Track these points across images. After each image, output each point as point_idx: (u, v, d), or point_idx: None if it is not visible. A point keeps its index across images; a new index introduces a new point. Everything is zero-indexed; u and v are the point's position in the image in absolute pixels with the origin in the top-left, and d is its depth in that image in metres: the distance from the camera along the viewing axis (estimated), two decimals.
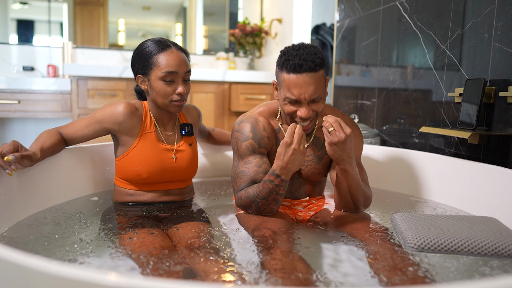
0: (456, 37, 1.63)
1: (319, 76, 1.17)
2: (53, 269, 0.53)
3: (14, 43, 3.06)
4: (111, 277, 0.51)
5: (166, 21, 3.58)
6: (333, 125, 1.15)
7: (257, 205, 1.21)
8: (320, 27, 3.14)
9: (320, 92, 1.19)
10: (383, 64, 2.07)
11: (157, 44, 1.29)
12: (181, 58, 1.29)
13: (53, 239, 1.04)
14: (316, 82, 1.17)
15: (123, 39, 3.38)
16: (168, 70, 1.26)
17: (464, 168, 1.43)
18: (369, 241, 1.09)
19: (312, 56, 1.16)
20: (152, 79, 1.28)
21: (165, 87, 1.27)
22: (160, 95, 1.28)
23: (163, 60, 1.26)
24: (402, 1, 1.91)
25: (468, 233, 1.06)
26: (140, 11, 3.45)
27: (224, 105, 2.96)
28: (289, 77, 1.16)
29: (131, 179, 1.33)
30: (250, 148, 1.30)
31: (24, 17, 3.16)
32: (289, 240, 1.07)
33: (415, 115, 1.87)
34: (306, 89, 1.16)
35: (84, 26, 3.25)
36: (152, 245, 1.01)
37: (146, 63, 1.28)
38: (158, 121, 1.38)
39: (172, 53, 1.28)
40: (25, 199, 1.21)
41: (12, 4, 3.11)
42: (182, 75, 1.29)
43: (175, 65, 1.27)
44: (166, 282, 0.49)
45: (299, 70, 1.15)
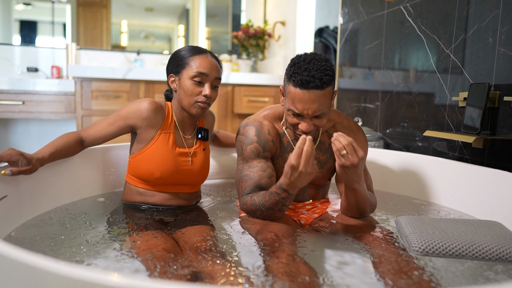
0: (460, 42, 1.63)
1: (325, 93, 1.16)
2: (65, 270, 0.53)
3: (17, 44, 3.07)
4: (125, 279, 0.51)
5: (169, 23, 3.59)
6: (346, 148, 1.10)
7: (262, 213, 1.21)
8: (323, 29, 3.15)
9: (325, 108, 1.18)
10: (386, 67, 2.08)
11: (194, 49, 1.35)
12: (213, 64, 1.33)
13: (59, 240, 1.05)
14: (321, 100, 1.15)
15: (125, 40, 3.39)
16: (200, 71, 1.30)
17: (468, 172, 1.44)
18: (373, 244, 1.09)
19: (321, 73, 1.13)
20: (183, 77, 1.32)
21: (193, 87, 1.31)
22: (188, 93, 1.32)
23: (197, 61, 1.31)
24: (407, 5, 1.91)
25: (472, 237, 1.06)
26: (143, 12, 3.46)
27: (227, 107, 2.96)
28: (295, 91, 1.15)
29: (144, 177, 1.34)
30: (255, 152, 1.30)
31: (27, 18, 3.17)
32: (293, 243, 1.08)
33: (418, 118, 1.88)
34: (310, 106, 1.15)
35: (87, 27, 3.26)
36: (156, 248, 1.02)
37: (180, 63, 1.33)
38: (179, 123, 1.40)
39: (207, 57, 1.33)
40: (31, 200, 1.21)
41: (16, 5, 3.12)
42: (212, 80, 1.33)
43: (207, 67, 1.31)
44: (182, 285, 0.50)
45: (306, 86, 1.13)
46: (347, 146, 1.11)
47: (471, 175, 1.43)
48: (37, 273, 0.57)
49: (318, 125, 1.21)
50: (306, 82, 1.13)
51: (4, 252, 0.59)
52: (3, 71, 2.99)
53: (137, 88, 2.72)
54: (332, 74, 1.17)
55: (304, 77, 1.13)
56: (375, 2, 2.15)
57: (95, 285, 0.53)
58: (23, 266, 0.57)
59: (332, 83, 1.18)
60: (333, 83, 1.19)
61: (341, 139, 1.12)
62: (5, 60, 3.00)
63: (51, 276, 0.55)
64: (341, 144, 1.11)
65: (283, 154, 1.35)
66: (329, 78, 1.15)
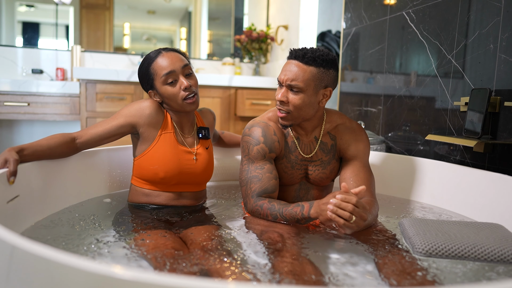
0: (461, 47, 1.66)
1: (305, 70, 1.24)
2: (90, 266, 0.56)
3: (21, 46, 3.10)
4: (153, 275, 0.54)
5: (171, 25, 3.62)
6: (354, 213, 1.03)
7: (274, 219, 1.25)
8: (325, 34, 3.18)
9: (300, 83, 1.24)
10: (389, 72, 2.11)
11: (148, 57, 1.35)
12: (173, 57, 1.33)
13: (70, 240, 1.07)
14: (299, 73, 1.24)
15: (128, 43, 3.42)
16: (165, 72, 1.30)
17: (469, 176, 1.46)
18: (377, 246, 1.11)
19: (311, 52, 1.24)
20: (158, 87, 1.33)
21: (171, 89, 1.31)
22: (171, 98, 1.32)
23: (157, 66, 1.31)
24: (409, 11, 1.95)
25: (475, 239, 1.09)
26: (145, 15, 3.49)
27: (230, 109, 2.99)
28: (285, 63, 1.30)
29: (148, 178, 1.36)
30: (262, 153, 1.33)
31: (30, 20, 3.20)
32: (297, 244, 1.10)
33: (420, 122, 1.91)
34: (287, 73, 1.26)
35: (90, 29, 3.29)
36: (165, 246, 1.04)
37: (147, 77, 1.34)
38: (177, 124, 1.41)
39: (163, 56, 1.33)
40: (41, 201, 1.24)
41: (19, 6, 3.15)
42: (180, 71, 1.33)
43: (169, 64, 1.31)
44: (206, 282, 0.52)
45: (290, 56, 1.27)
46: (353, 211, 1.03)
47: (472, 178, 1.45)
48: (60, 269, 0.59)
49: (292, 101, 1.27)
50: (293, 52, 1.26)
51: (30, 249, 0.62)
52: (7, 72, 3.02)
53: (141, 90, 2.75)
54: (322, 62, 1.24)
55: (294, 50, 1.27)
56: (378, 8, 2.18)
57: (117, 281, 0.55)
58: (49, 262, 0.60)
59: (320, 68, 1.24)
60: (321, 70, 1.25)
61: (344, 206, 1.03)
62: (10, 62, 3.02)
63: (75, 272, 0.58)
64: (346, 213, 1.03)
65: (288, 154, 1.37)
66: (316, 60, 1.23)
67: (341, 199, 1.03)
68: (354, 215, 1.03)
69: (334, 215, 1.03)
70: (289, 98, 1.26)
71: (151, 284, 0.53)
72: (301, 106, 1.27)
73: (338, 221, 1.03)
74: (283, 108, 1.29)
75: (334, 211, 1.03)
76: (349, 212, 1.02)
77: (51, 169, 1.29)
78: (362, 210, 1.05)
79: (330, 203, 1.04)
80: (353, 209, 1.03)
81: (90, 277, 0.55)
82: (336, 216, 1.03)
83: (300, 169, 1.40)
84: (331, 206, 1.04)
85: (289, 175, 1.39)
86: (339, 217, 1.03)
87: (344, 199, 1.03)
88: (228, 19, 3.70)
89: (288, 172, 1.39)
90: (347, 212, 1.02)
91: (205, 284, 0.53)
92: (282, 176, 1.40)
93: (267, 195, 1.31)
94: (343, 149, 1.40)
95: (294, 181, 1.42)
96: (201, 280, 0.53)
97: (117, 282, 0.55)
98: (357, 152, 1.39)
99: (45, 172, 1.26)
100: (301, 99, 1.26)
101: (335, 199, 1.04)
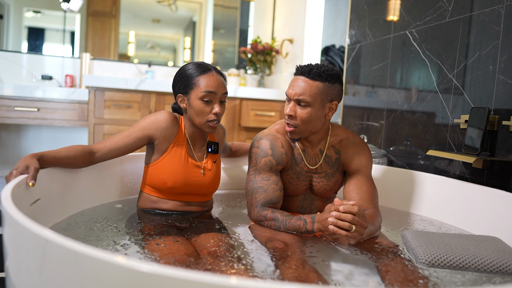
0: (462, 68, 1.73)
1: (312, 85, 1.31)
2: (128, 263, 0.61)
3: (27, 52, 3.16)
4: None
5: (175, 34, 3.66)
6: (354, 222, 1.08)
7: (278, 229, 1.30)
8: (329, 48, 3.26)
9: (308, 98, 1.30)
10: (391, 87, 2.18)
11: (199, 67, 1.38)
12: (220, 81, 1.39)
13: (89, 241, 1.12)
14: (306, 87, 1.31)
15: (132, 50, 3.49)
16: (208, 90, 1.35)
17: (468, 191, 1.52)
18: (381, 255, 1.15)
19: (315, 68, 1.31)
20: (192, 98, 1.37)
21: (203, 106, 1.36)
22: (198, 113, 1.37)
23: (203, 81, 1.36)
24: (412, 30, 2.02)
25: (474, 251, 1.14)
26: (150, 23, 3.54)
27: (234, 120, 3.05)
28: (292, 79, 1.37)
29: (157, 186, 1.41)
30: (269, 165, 1.38)
31: (36, 25, 3.24)
32: (302, 252, 1.14)
33: (421, 137, 1.97)
34: (294, 88, 1.32)
35: (95, 37, 3.35)
36: (178, 252, 1.08)
37: (188, 83, 1.37)
38: (190, 137, 1.46)
39: (213, 75, 1.38)
40: (59, 204, 1.29)
41: (26, 12, 3.20)
42: (220, 96, 1.39)
43: (215, 86, 1.36)
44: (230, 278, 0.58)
45: (297, 73, 1.34)
46: (353, 220, 1.08)
47: (470, 193, 1.51)
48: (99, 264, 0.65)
49: (299, 115, 1.33)
50: (299, 69, 1.33)
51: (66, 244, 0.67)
52: (14, 77, 3.08)
53: (148, 99, 2.82)
54: (327, 77, 1.31)
55: (300, 67, 1.34)
56: (382, 26, 2.26)
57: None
58: (81, 256, 0.66)
59: (325, 83, 1.31)
60: (327, 85, 1.32)
61: (343, 217, 1.08)
62: (17, 67, 3.09)
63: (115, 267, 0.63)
64: (346, 223, 1.08)
65: (294, 166, 1.43)
66: (322, 75, 1.30)
67: (342, 210, 1.09)
68: (354, 224, 1.08)
69: (336, 228, 1.09)
70: (297, 112, 1.33)
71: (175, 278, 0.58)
72: (309, 119, 1.33)
73: (340, 233, 1.08)
74: (291, 122, 1.35)
75: (334, 223, 1.09)
76: (349, 222, 1.08)
77: (68, 173, 1.34)
78: (362, 218, 1.10)
79: (331, 216, 1.10)
80: (352, 218, 1.08)
81: (120, 270, 0.61)
82: (338, 229, 1.09)
83: (305, 181, 1.45)
84: (331, 219, 1.09)
85: (294, 186, 1.45)
86: (340, 229, 1.09)
87: (345, 210, 1.09)
88: (232, 29, 3.77)
89: (294, 183, 1.44)
90: (347, 222, 1.08)
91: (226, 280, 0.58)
92: (288, 187, 1.45)
93: (271, 206, 1.36)
94: (347, 163, 1.46)
95: (299, 192, 1.47)
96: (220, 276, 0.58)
97: (144, 276, 0.60)
98: (360, 166, 1.45)
99: (63, 177, 1.32)
100: (309, 113, 1.32)
101: (336, 212, 1.09)
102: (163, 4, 3.53)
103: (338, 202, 1.12)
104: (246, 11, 3.77)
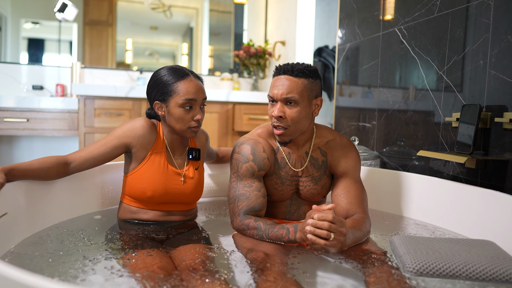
0: (452, 63, 1.67)
1: (297, 82, 1.28)
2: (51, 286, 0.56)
3: (25, 63, 3.15)
4: None
5: (173, 41, 3.67)
6: (331, 229, 1.02)
7: (260, 238, 1.25)
8: (322, 49, 3.21)
9: (296, 95, 1.27)
10: (382, 86, 2.12)
11: (176, 73, 1.33)
12: (199, 86, 1.34)
13: (57, 256, 1.07)
14: (292, 85, 1.27)
15: (130, 58, 3.48)
16: (188, 98, 1.30)
17: (462, 192, 1.45)
18: (367, 263, 1.10)
19: (298, 66, 1.29)
20: (171, 105, 1.32)
21: (184, 114, 1.32)
22: (179, 121, 1.33)
23: (182, 88, 1.30)
24: (401, 27, 1.97)
25: (466, 257, 1.07)
26: (148, 30, 3.54)
27: (228, 125, 3.00)
28: (272, 79, 1.32)
29: (136, 196, 1.36)
30: (250, 170, 1.33)
31: (35, 36, 3.26)
32: (283, 263, 1.09)
33: (414, 137, 1.91)
34: (280, 88, 1.28)
35: (92, 45, 3.35)
36: (151, 267, 1.03)
37: (165, 90, 1.31)
38: (169, 144, 1.41)
39: (191, 81, 1.33)
40: (30, 217, 1.24)
41: (24, 23, 3.21)
42: (200, 102, 1.34)
43: (194, 92, 1.32)
44: None
45: (279, 72, 1.30)
46: (330, 228, 1.02)
47: (464, 195, 1.44)
48: None
49: (289, 116, 1.28)
50: (280, 68, 1.30)
51: None
52: (9, 89, 3.06)
53: (139, 106, 2.78)
54: (309, 73, 1.29)
55: (280, 66, 1.31)
56: (371, 25, 2.21)
57: None
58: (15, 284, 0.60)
59: (309, 79, 1.29)
60: (311, 81, 1.29)
61: (320, 225, 1.02)
62: (11, 78, 3.07)
63: None
64: (324, 232, 1.02)
65: (277, 170, 1.37)
66: (305, 72, 1.28)
67: (317, 218, 1.03)
68: (332, 232, 1.02)
69: (314, 237, 1.03)
70: (286, 112, 1.28)
71: None
72: (299, 118, 1.29)
73: (319, 242, 1.02)
74: (281, 124, 1.30)
75: (312, 231, 1.03)
76: (326, 230, 1.02)
77: (42, 185, 1.29)
78: (339, 224, 1.04)
79: (308, 224, 1.04)
80: (329, 226, 1.02)
81: None
82: (316, 238, 1.03)
83: (291, 185, 1.39)
84: (309, 227, 1.04)
85: (279, 191, 1.39)
86: (319, 238, 1.03)
87: (320, 218, 1.03)
88: (229, 34, 3.75)
89: (278, 188, 1.39)
90: (324, 230, 1.02)
91: None
92: (272, 193, 1.40)
93: (254, 213, 1.31)
94: (334, 165, 1.40)
95: (284, 197, 1.41)
96: None
97: None
98: (347, 169, 1.39)
99: (36, 189, 1.27)
100: (298, 111, 1.28)
101: (312, 220, 1.03)
102: (157, 11, 3.52)
103: (316, 209, 1.06)
104: (240, 15, 3.75)
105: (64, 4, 3.02)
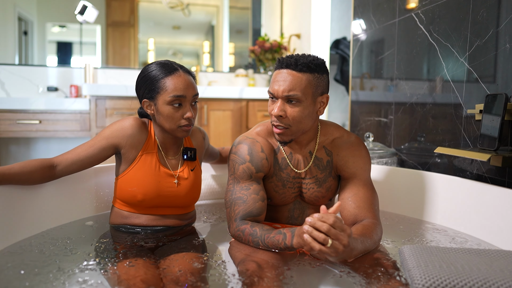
0: (475, 49, 1.49)
1: (301, 77, 1.14)
2: None
3: (57, 65, 3.19)
4: None
5: (196, 40, 3.65)
6: (329, 234, 0.90)
7: (256, 246, 1.14)
8: (340, 41, 3.05)
9: (298, 92, 1.14)
10: (400, 78, 1.95)
11: (164, 68, 1.24)
12: (188, 81, 1.25)
13: (30, 267, 1.01)
14: (295, 81, 1.14)
15: (152, 58, 3.48)
16: (176, 94, 1.22)
17: (486, 194, 1.29)
18: (371, 277, 0.98)
19: (300, 59, 1.15)
20: (159, 103, 1.24)
21: (173, 112, 1.23)
22: (168, 120, 1.24)
23: (170, 84, 1.22)
24: (418, 12, 1.79)
25: (486, 272, 0.92)
26: (171, 30, 3.55)
27: (241, 122, 2.92)
28: (274, 73, 1.19)
29: (127, 200, 1.29)
30: (247, 172, 1.23)
31: (62, 40, 3.32)
32: (275, 276, 0.98)
33: (434, 132, 1.74)
34: (282, 84, 1.15)
35: (115, 46, 3.38)
36: (133, 280, 0.96)
37: (153, 87, 1.24)
38: (161, 144, 1.34)
39: (180, 76, 1.24)
40: (10, 225, 1.19)
41: (52, 27, 3.28)
42: (190, 99, 1.25)
43: (183, 88, 1.23)
44: None
45: (281, 65, 1.17)
46: (329, 232, 0.89)
47: (489, 197, 1.28)
48: None
49: (290, 115, 1.16)
50: (283, 61, 1.17)
51: None
52: (24, 91, 3.09)
53: None
54: (315, 68, 1.15)
55: (283, 59, 1.17)
56: (386, 11, 2.04)
57: None
58: None
59: (314, 74, 1.15)
60: (316, 76, 1.16)
61: (318, 226, 0.90)
62: (27, 81, 3.10)
63: None
64: (321, 235, 0.90)
65: (278, 172, 1.26)
66: (310, 66, 1.14)
67: (317, 218, 0.90)
68: (330, 238, 0.89)
69: (311, 239, 0.91)
70: (287, 111, 1.16)
71: None
72: (301, 118, 1.16)
73: (314, 246, 0.90)
74: (281, 124, 1.18)
75: (309, 232, 0.91)
76: (324, 233, 0.89)
77: (27, 190, 1.24)
78: (340, 231, 0.91)
79: (306, 223, 0.92)
80: (328, 229, 0.89)
81: None
82: (313, 240, 0.90)
83: (293, 188, 1.28)
84: (306, 227, 0.91)
85: (281, 194, 1.28)
86: (315, 241, 0.90)
87: (320, 218, 0.90)
88: (248, 30, 3.70)
89: (280, 191, 1.28)
90: (322, 233, 0.89)
91: None
92: (273, 196, 1.29)
93: (252, 218, 1.20)
94: (340, 166, 1.27)
95: (287, 200, 1.30)
96: None
97: None
98: (355, 169, 1.26)
99: (17, 194, 1.22)
100: (300, 110, 1.16)
101: (311, 218, 0.91)
102: (176, 9, 3.49)
103: (323, 210, 0.94)
104: (258, 10, 3.68)
105: (84, 6, 3.02)
